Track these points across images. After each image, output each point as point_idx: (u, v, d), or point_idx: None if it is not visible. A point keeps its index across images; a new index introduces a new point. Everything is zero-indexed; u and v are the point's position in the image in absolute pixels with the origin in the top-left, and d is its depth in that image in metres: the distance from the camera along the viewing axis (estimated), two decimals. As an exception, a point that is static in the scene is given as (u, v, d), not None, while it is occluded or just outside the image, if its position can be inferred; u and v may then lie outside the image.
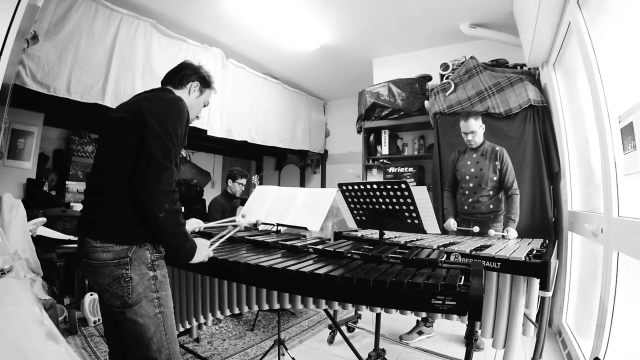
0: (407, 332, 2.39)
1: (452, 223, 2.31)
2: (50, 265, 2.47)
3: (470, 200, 2.34)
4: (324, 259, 1.32)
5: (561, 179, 2.63)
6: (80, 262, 1.07)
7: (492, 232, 2.07)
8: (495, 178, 2.28)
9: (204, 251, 1.18)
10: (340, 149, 5.62)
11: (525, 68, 3.02)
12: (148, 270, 1.08)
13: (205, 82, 1.30)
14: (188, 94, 1.26)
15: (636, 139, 1.28)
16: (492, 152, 2.31)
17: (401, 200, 1.39)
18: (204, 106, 1.35)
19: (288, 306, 1.34)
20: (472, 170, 2.34)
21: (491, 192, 2.30)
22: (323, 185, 5.67)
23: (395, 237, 1.82)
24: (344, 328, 2.52)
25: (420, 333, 2.38)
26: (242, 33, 3.57)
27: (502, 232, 2.14)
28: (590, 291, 2.01)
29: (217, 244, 1.37)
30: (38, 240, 2.31)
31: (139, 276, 1.05)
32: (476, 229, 2.13)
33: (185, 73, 1.26)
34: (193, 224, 1.58)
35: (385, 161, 3.97)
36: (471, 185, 2.34)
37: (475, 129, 2.30)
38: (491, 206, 2.30)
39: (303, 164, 5.93)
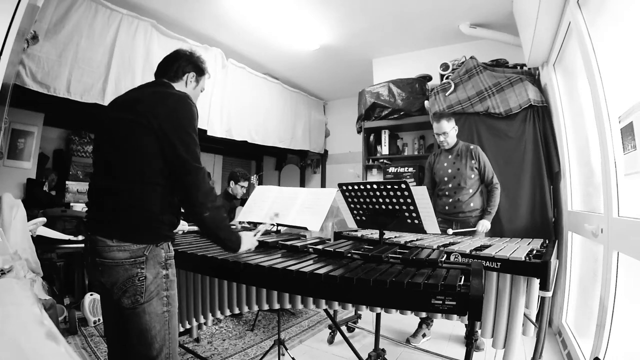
0: (412, 335, 2.39)
1: None
2: (50, 265, 2.47)
3: (450, 200, 2.37)
4: (324, 259, 1.32)
5: (561, 179, 2.63)
6: (91, 261, 1.07)
7: (450, 231, 2.16)
8: (473, 176, 2.33)
9: (249, 240, 1.30)
10: (340, 149, 5.62)
11: (525, 68, 3.02)
12: (161, 269, 1.09)
13: (200, 71, 1.29)
14: (185, 86, 1.25)
15: (636, 139, 1.27)
16: (467, 151, 2.37)
17: (401, 200, 1.39)
18: (201, 92, 1.35)
19: (288, 306, 1.34)
20: (450, 171, 2.38)
21: (471, 191, 2.34)
22: (323, 185, 5.67)
23: (395, 237, 1.82)
24: (344, 328, 2.52)
25: (424, 335, 2.39)
26: (242, 33, 3.57)
27: (476, 226, 2.24)
28: (590, 291, 2.01)
29: (259, 234, 1.50)
30: (38, 240, 2.31)
31: (153, 275, 1.07)
32: (450, 231, 2.19)
33: (180, 64, 1.24)
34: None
35: (385, 161, 3.96)
36: (450, 185, 2.37)
37: (447, 130, 2.35)
38: (472, 204, 2.34)
39: (303, 164, 5.93)
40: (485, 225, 2.24)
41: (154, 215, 1.07)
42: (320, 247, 1.44)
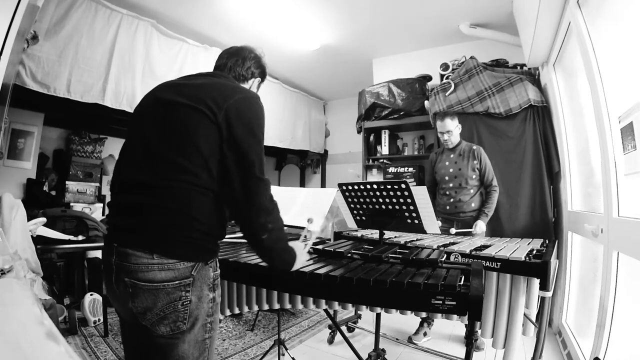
0: (414, 333, 2.39)
1: None
2: (50, 265, 2.47)
3: (452, 200, 2.37)
4: (324, 259, 1.32)
5: (561, 179, 2.63)
6: (117, 280, 0.85)
7: (452, 230, 2.18)
8: (474, 177, 2.33)
9: (301, 257, 1.07)
10: (340, 149, 5.61)
11: (525, 68, 3.02)
12: (209, 292, 0.92)
13: (264, 77, 1.17)
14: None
15: (636, 139, 1.28)
16: (469, 151, 2.37)
17: (401, 200, 1.39)
18: None
19: (288, 306, 1.34)
20: (451, 170, 2.38)
21: (472, 191, 2.34)
22: (323, 185, 5.67)
23: (395, 237, 1.82)
24: (344, 328, 2.52)
25: (425, 334, 2.39)
26: (242, 33, 3.57)
27: (473, 227, 2.23)
28: (590, 291, 2.01)
29: (309, 245, 1.23)
30: (38, 240, 2.31)
31: (199, 298, 0.88)
32: (452, 230, 2.20)
33: (250, 66, 1.09)
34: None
35: (385, 161, 3.96)
36: (451, 185, 2.37)
37: (451, 129, 2.34)
38: (473, 204, 2.34)
39: (303, 164, 5.92)
40: (480, 226, 2.24)
41: (204, 225, 0.88)
42: (320, 247, 1.44)
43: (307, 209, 1.80)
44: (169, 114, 0.89)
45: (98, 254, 2.79)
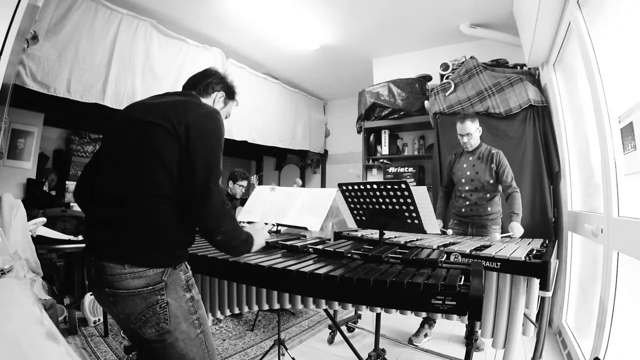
0: (414, 334, 2.39)
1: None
2: (50, 265, 2.47)
3: (467, 203, 2.33)
4: (324, 259, 1.32)
5: (561, 179, 2.63)
6: (99, 291, 0.94)
7: (497, 236, 1.97)
8: (491, 181, 2.25)
9: (260, 238, 1.16)
10: (340, 149, 5.62)
11: (525, 68, 3.02)
12: (184, 293, 1.00)
13: (230, 94, 1.24)
14: (212, 104, 1.18)
15: (636, 139, 1.28)
16: (488, 155, 2.29)
17: (401, 200, 1.39)
18: (225, 118, 1.24)
19: (288, 306, 1.34)
20: (469, 173, 2.32)
21: (488, 195, 2.29)
22: (323, 185, 5.67)
23: (395, 237, 1.82)
24: (344, 328, 2.52)
25: (426, 335, 2.39)
26: (242, 33, 3.57)
27: (508, 231, 2.06)
28: (590, 291, 2.01)
29: (268, 225, 1.37)
30: (38, 240, 2.31)
31: (176, 300, 0.97)
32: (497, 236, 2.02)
33: (211, 81, 1.18)
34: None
35: (385, 161, 3.96)
36: (467, 188, 2.33)
37: (471, 131, 2.27)
38: (489, 208, 2.29)
39: (303, 164, 5.93)
40: (518, 229, 2.03)
41: (171, 233, 0.97)
42: (320, 247, 1.44)
43: (307, 209, 1.80)
44: (136, 131, 0.98)
45: (98, 254, 2.79)
